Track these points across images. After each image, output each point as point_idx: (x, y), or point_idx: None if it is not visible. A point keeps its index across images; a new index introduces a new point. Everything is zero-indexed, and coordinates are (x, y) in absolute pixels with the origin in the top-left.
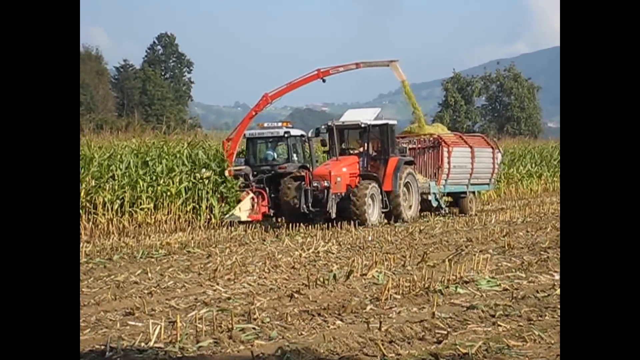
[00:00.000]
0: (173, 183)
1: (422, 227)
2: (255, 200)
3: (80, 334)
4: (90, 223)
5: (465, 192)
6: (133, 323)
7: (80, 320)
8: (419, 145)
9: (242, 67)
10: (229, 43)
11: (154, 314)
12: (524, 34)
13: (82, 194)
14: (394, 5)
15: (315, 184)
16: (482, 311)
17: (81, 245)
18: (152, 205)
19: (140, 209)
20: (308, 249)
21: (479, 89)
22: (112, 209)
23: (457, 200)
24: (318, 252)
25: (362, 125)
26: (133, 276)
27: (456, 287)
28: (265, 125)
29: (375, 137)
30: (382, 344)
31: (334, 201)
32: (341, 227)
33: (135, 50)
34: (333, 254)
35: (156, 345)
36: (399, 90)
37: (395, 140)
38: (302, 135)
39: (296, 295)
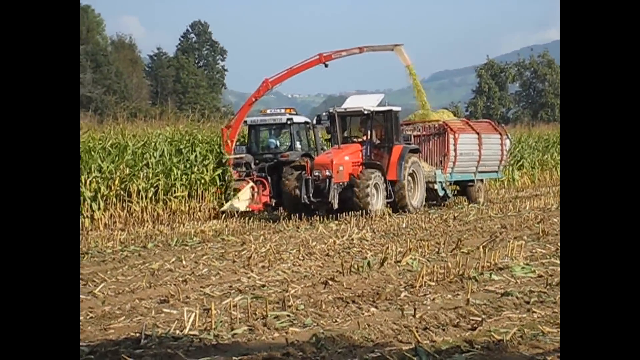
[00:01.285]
0: (207, 171)
1: (456, 214)
2: (256, 189)
3: (115, 321)
4: (125, 211)
5: (473, 181)
6: (168, 310)
7: (116, 308)
8: (424, 133)
9: (275, 55)
10: (262, 31)
11: (188, 301)
12: (556, 20)
13: (116, 181)
14: None
15: (316, 174)
16: (517, 298)
17: (116, 233)
18: (186, 193)
19: (174, 197)
20: (342, 236)
21: (513, 75)
22: (146, 196)
23: (464, 189)
24: (352, 239)
25: (365, 112)
26: (167, 264)
27: (490, 274)
28: (268, 111)
29: (379, 124)
30: (417, 331)
31: (336, 191)
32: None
33: (168, 38)
34: (367, 241)
35: (191, 332)
36: (434, 77)
37: (400, 128)
38: (305, 122)
39: (330, 282)
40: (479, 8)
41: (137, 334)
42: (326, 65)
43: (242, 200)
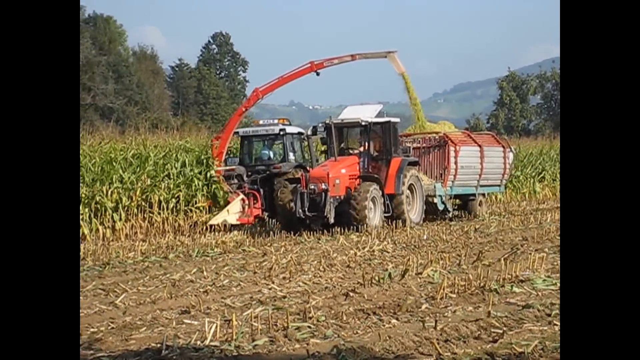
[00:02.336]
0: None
1: (477, 226)
2: (246, 202)
3: (137, 332)
4: (146, 222)
5: (474, 194)
6: (189, 321)
7: (137, 319)
8: (424, 145)
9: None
10: (283, 42)
11: (209, 312)
12: None
13: (138, 192)
14: (450, 4)
15: (312, 187)
16: (538, 310)
17: (137, 243)
18: (207, 204)
19: (196, 208)
20: (363, 248)
21: (535, 87)
22: (167, 207)
23: (465, 203)
24: (373, 251)
25: (362, 123)
26: (189, 275)
27: (512, 286)
28: (261, 122)
29: (377, 136)
30: (438, 343)
31: (332, 205)
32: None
33: (190, 49)
34: (388, 252)
35: (212, 343)
36: (456, 88)
37: (399, 140)
38: (299, 133)
39: (351, 294)
40: (501, 20)
41: (159, 345)
42: (318, 74)
43: (232, 213)
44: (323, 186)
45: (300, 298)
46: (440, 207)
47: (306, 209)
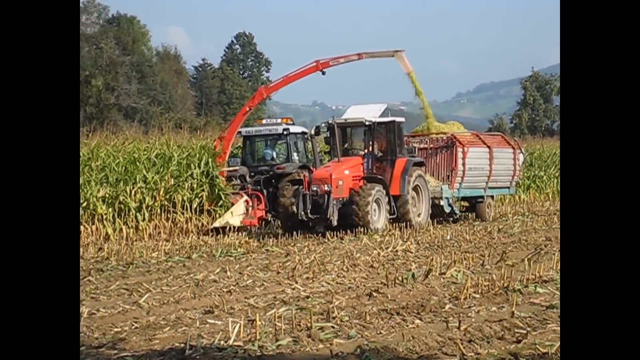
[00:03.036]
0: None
1: (500, 226)
2: (250, 203)
3: (160, 332)
4: (170, 222)
5: (482, 197)
6: (212, 321)
7: (160, 318)
8: (431, 145)
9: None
10: (306, 42)
11: (233, 312)
12: None
13: (161, 192)
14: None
15: (314, 188)
16: None
17: (161, 243)
18: (230, 204)
19: (219, 208)
20: (386, 248)
21: (558, 87)
22: (190, 207)
23: (473, 205)
24: (396, 251)
25: (366, 123)
26: (212, 274)
27: (535, 287)
28: (264, 122)
29: (381, 136)
30: (461, 343)
31: (336, 207)
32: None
33: (213, 49)
34: (411, 252)
35: (235, 343)
36: (479, 88)
37: (404, 140)
38: (303, 133)
39: (375, 294)
40: (525, 20)
41: (182, 345)
42: (323, 73)
43: (236, 215)
44: (326, 188)
45: (324, 298)
46: (447, 209)
47: (308, 211)
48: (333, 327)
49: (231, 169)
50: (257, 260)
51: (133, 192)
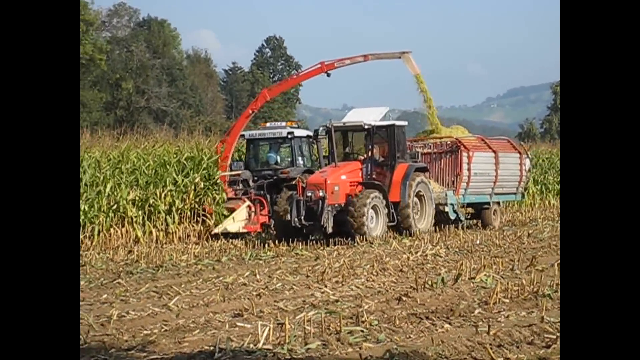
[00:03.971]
0: None
1: (530, 231)
2: (253, 209)
3: (190, 334)
4: (200, 225)
5: (488, 203)
6: (242, 324)
7: (190, 321)
8: (435, 150)
9: (349, 70)
10: (336, 45)
11: (262, 315)
12: None
13: (191, 195)
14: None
15: (309, 194)
16: None
17: (190, 246)
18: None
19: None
20: (416, 252)
21: None
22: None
23: (479, 211)
24: (426, 255)
25: (365, 127)
26: (241, 278)
27: None
28: (268, 124)
29: (382, 141)
30: (491, 348)
31: (331, 213)
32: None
33: (244, 53)
34: (441, 257)
35: (265, 346)
36: (509, 93)
37: (406, 144)
38: (308, 136)
39: (404, 298)
40: (555, 24)
41: (211, 348)
42: (328, 75)
43: (238, 221)
44: (320, 193)
45: (353, 302)
46: (452, 216)
47: (302, 217)
48: (362, 331)
49: (234, 173)
50: (287, 263)
51: (163, 195)
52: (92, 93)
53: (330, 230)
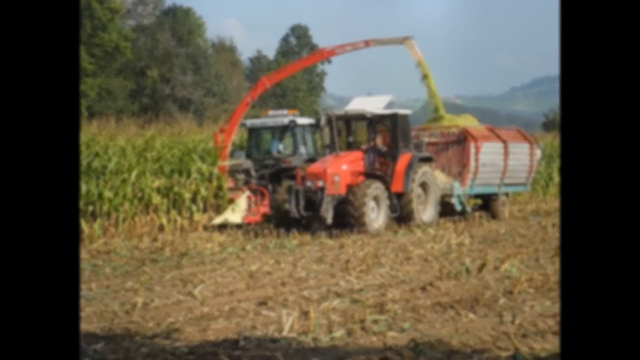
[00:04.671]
0: None
1: (555, 221)
2: (253, 199)
3: (214, 322)
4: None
5: (496, 194)
6: (266, 313)
7: (214, 309)
8: (442, 140)
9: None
10: (361, 34)
11: (286, 304)
12: None
13: (214, 184)
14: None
15: (308, 184)
16: None
17: (215, 234)
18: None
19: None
20: (440, 242)
21: None
22: None
23: (487, 203)
24: (450, 245)
25: (368, 116)
26: (266, 266)
27: None
28: (270, 113)
29: (385, 130)
30: (515, 338)
31: (330, 204)
32: (473, 220)
33: (269, 41)
34: (465, 246)
35: (289, 335)
36: (534, 82)
37: (409, 134)
38: (311, 125)
39: (428, 287)
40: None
41: (236, 336)
42: (329, 61)
43: (238, 211)
44: (320, 183)
45: (377, 291)
46: (458, 207)
47: (301, 208)
48: (386, 320)
49: (234, 162)
50: (311, 252)
51: (188, 183)
52: (118, 81)
53: (329, 221)
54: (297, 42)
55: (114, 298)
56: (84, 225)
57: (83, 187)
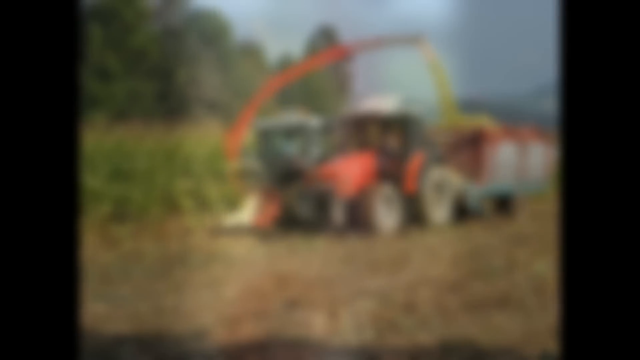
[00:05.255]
0: None
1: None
2: (263, 202)
3: (243, 324)
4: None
5: (512, 195)
6: (295, 314)
7: (243, 311)
8: (456, 140)
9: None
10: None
11: (315, 304)
12: None
13: (236, 185)
14: None
15: (319, 186)
16: None
17: (243, 236)
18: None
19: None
20: (464, 241)
21: None
22: None
23: (502, 203)
24: (480, 244)
25: (379, 116)
26: (295, 267)
27: None
28: (280, 114)
29: (397, 130)
30: (545, 338)
31: (340, 206)
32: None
33: (296, 43)
34: (496, 245)
35: (318, 336)
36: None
37: (422, 134)
38: (321, 125)
39: (458, 287)
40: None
41: (265, 337)
42: (346, 60)
43: (246, 215)
44: (329, 185)
45: (407, 291)
46: (473, 208)
47: (309, 210)
48: (416, 320)
49: (243, 165)
50: (340, 252)
51: (216, 185)
52: (145, 83)
53: (339, 223)
54: (324, 43)
55: (144, 300)
56: (113, 228)
57: (112, 190)
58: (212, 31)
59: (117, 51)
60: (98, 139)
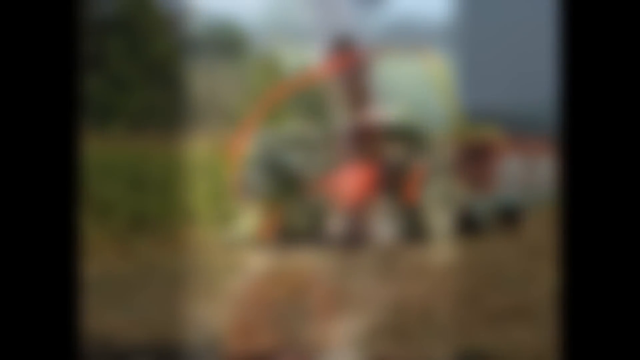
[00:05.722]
0: None
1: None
2: (266, 212)
3: (259, 333)
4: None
5: (517, 207)
6: (311, 323)
7: (259, 320)
8: (461, 151)
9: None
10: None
11: (333, 313)
12: None
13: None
14: None
15: (314, 196)
16: None
17: (260, 246)
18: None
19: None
20: (488, 251)
21: None
22: None
23: (507, 216)
24: (498, 254)
25: (379, 125)
26: (311, 276)
27: None
28: (283, 123)
29: (401, 140)
30: (563, 350)
31: (336, 217)
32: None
33: (316, 54)
34: (512, 256)
35: (335, 344)
36: None
37: (426, 145)
38: (322, 135)
39: (474, 297)
40: None
41: (281, 346)
42: (349, 68)
43: (250, 225)
44: (326, 195)
45: (423, 300)
46: (477, 220)
47: (308, 220)
48: (432, 330)
49: (245, 173)
50: (356, 261)
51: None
52: (162, 93)
53: (335, 234)
54: (340, 52)
55: (160, 309)
56: (130, 237)
57: (129, 201)
58: (229, 42)
59: (134, 61)
60: (115, 149)
